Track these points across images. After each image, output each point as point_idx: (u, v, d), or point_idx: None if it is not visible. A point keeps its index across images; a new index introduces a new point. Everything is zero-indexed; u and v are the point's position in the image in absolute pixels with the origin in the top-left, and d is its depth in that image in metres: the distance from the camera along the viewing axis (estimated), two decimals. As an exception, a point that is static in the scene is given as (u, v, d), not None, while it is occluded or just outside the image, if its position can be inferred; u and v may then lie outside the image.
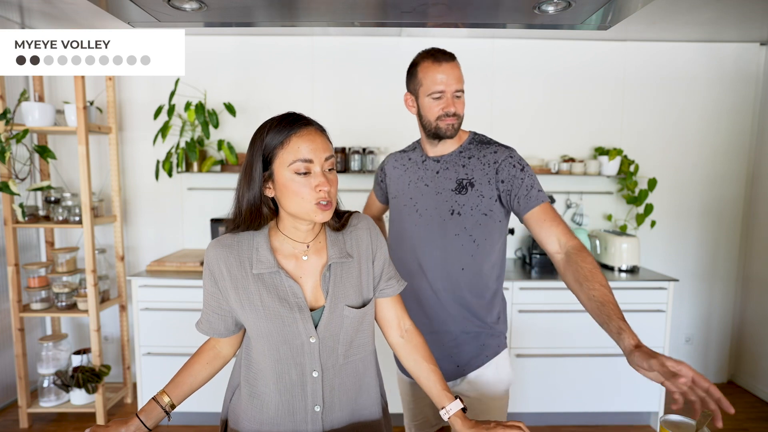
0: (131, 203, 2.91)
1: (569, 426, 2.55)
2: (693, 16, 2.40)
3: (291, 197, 0.90)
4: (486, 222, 1.28)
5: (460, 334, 1.33)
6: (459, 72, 1.28)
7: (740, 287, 3.00)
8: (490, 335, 1.34)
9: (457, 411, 0.98)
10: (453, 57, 1.29)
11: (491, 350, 1.34)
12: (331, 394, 0.98)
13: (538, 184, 1.25)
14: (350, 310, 0.98)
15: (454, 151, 1.33)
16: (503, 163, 1.26)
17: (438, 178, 1.32)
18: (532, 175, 1.26)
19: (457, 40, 2.81)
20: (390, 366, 1.78)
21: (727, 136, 2.90)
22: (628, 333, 0.93)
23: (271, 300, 0.94)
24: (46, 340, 2.50)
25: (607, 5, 1.36)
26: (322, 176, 0.90)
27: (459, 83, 1.27)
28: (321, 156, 0.90)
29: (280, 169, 0.89)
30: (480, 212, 1.27)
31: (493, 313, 1.34)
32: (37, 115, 2.33)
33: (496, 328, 1.35)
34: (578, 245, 1.15)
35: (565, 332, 2.41)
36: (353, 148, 2.78)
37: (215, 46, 2.79)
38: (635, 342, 0.91)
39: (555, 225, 1.20)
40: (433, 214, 1.31)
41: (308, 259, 0.98)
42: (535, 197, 1.23)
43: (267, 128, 0.91)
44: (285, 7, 1.41)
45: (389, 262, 1.08)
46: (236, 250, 0.96)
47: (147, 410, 0.98)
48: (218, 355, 1.08)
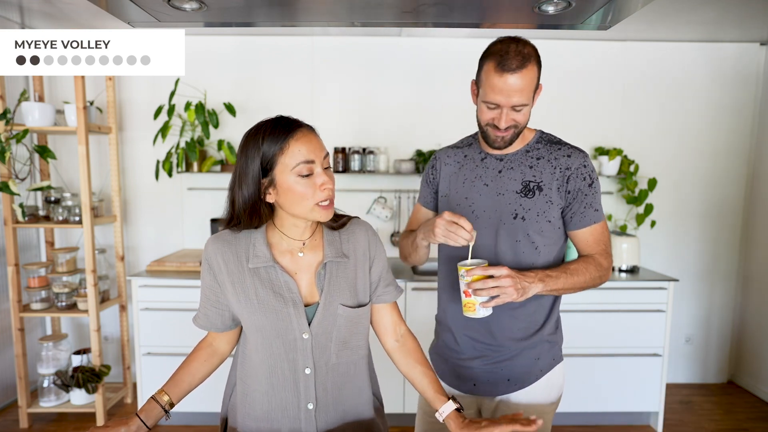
0: (131, 203, 2.91)
1: (569, 426, 2.55)
2: (693, 16, 2.40)
3: (296, 200, 0.91)
4: (549, 229, 1.18)
5: (514, 344, 1.21)
6: (525, 82, 1.09)
7: (740, 287, 3.00)
8: (547, 347, 1.24)
9: (450, 412, 0.98)
10: (523, 65, 1.08)
11: (546, 363, 1.23)
12: (324, 393, 0.99)
13: (597, 202, 1.18)
14: (345, 309, 0.98)
15: (520, 149, 1.21)
16: (576, 172, 1.15)
17: (500, 178, 1.21)
18: (597, 192, 1.18)
19: (457, 40, 2.81)
20: (389, 366, 1.78)
21: (727, 136, 2.90)
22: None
23: (266, 294, 0.95)
24: (46, 340, 2.50)
25: (607, 5, 1.36)
26: (325, 175, 0.92)
27: (521, 96, 1.10)
28: (320, 155, 0.92)
29: (283, 174, 0.90)
30: (545, 219, 1.17)
31: (551, 323, 1.25)
32: (37, 115, 2.33)
33: (552, 339, 1.25)
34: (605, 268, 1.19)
35: (565, 332, 2.39)
36: (353, 148, 2.78)
37: (215, 46, 2.79)
38: None
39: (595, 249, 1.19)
40: (492, 217, 1.20)
41: (304, 255, 1.00)
42: (590, 217, 1.17)
43: (261, 136, 0.90)
44: (285, 7, 1.41)
45: (387, 269, 1.09)
46: (234, 245, 0.98)
47: (147, 409, 0.99)
48: (215, 352, 1.08)
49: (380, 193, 2.88)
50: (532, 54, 1.12)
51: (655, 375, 2.43)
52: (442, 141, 2.82)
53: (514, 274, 1.05)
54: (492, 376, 1.22)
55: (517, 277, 1.06)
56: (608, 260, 1.19)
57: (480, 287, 1.03)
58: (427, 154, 2.75)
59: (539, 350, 1.23)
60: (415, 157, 2.81)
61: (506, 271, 1.04)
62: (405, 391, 2.44)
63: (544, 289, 1.11)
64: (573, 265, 1.15)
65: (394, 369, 1.13)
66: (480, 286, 1.03)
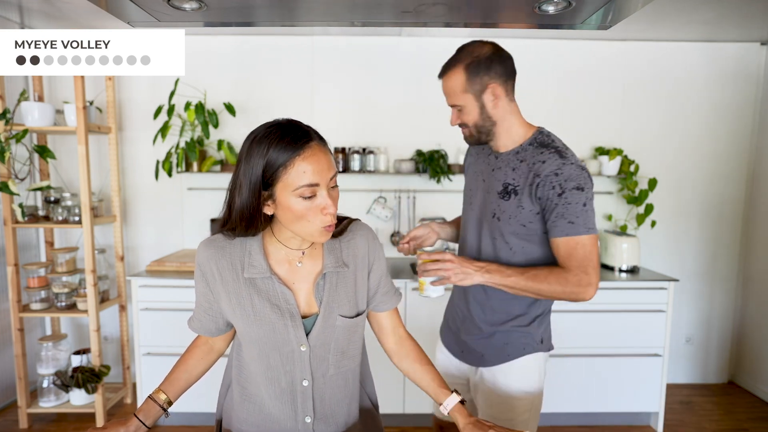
0: (131, 203, 2.90)
1: (569, 426, 2.54)
2: (693, 15, 2.40)
3: (294, 219, 0.86)
4: (524, 232, 1.20)
5: (487, 326, 1.29)
6: (449, 85, 1.21)
7: (740, 287, 3.00)
8: (517, 336, 1.28)
9: (455, 405, 0.97)
10: (446, 70, 1.22)
11: (515, 350, 1.27)
12: (322, 404, 0.97)
13: (573, 214, 1.12)
14: (343, 320, 0.96)
15: (512, 150, 1.23)
16: (545, 180, 1.14)
17: (492, 177, 1.26)
18: (571, 203, 1.12)
19: (457, 40, 2.80)
20: (390, 366, 1.78)
21: (727, 136, 2.90)
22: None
23: (263, 305, 0.92)
24: (46, 340, 2.50)
25: (607, 5, 1.36)
26: (328, 198, 0.86)
27: (452, 98, 1.22)
28: (326, 177, 0.86)
29: (284, 192, 0.84)
30: (518, 222, 1.19)
31: (526, 317, 1.28)
32: (36, 115, 2.33)
33: (525, 331, 1.28)
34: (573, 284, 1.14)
35: (565, 332, 2.41)
36: (353, 148, 2.78)
37: (215, 46, 2.79)
38: None
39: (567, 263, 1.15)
40: (477, 212, 1.29)
41: (302, 265, 0.96)
42: (561, 228, 1.14)
43: (267, 146, 0.83)
44: (285, 7, 1.41)
45: (386, 274, 1.06)
46: (228, 252, 0.94)
47: (145, 409, 0.98)
48: (212, 349, 1.07)
49: (380, 193, 2.88)
50: (462, 58, 1.19)
51: (656, 375, 2.43)
52: (442, 141, 2.84)
53: (457, 261, 1.18)
54: (472, 348, 1.34)
55: (461, 263, 1.18)
56: (581, 278, 1.13)
57: (425, 269, 1.19)
58: (427, 154, 2.75)
59: (509, 337, 1.28)
60: (415, 157, 2.81)
61: (449, 257, 1.18)
62: (405, 391, 2.44)
63: (490, 281, 1.19)
64: (535, 271, 1.17)
65: (394, 369, 1.13)
66: (425, 268, 1.18)
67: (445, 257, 1.18)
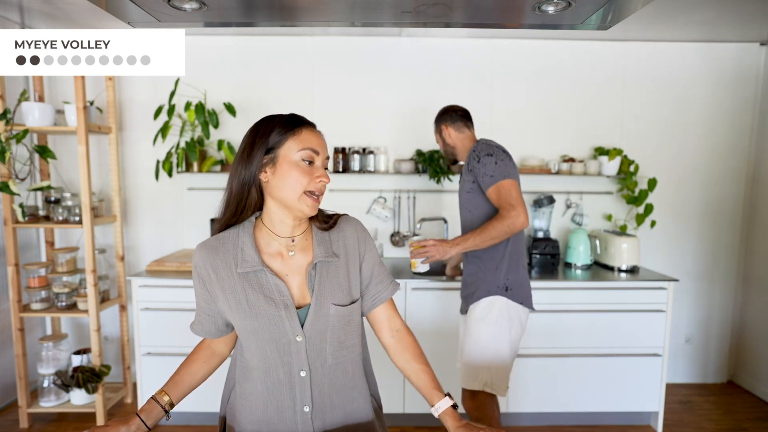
0: (131, 203, 2.91)
1: (569, 426, 2.55)
2: (693, 16, 2.40)
3: (289, 183, 0.93)
4: (471, 198, 1.82)
5: (468, 278, 1.89)
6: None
7: (740, 287, 3.00)
8: (481, 285, 1.80)
9: (446, 408, 0.98)
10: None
11: (481, 293, 1.80)
12: (321, 395, 0.99)
13: (488, 171, 1.70)
14: (336, 308, 0.98)
15: (466, 159, 1.89)
16: (469, 157, 1.81)
17: (461, 178, 1.93)
18: (486, 164, 1.72)
19: (457, 40, 2.81)
20: (390, 366, 1.78)
21: (727, 136, 2.90)
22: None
23: (257, 298, 0.95)
24: (46, 340, 2.50)
25: (607, 5, 1.36)
26: (323, 170, 0.97)
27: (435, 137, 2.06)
28: (323, 152, 0.97)
29: (288, 152, 0.93)
30: (465, 191, 1.85)
31: (489, 273, 1.79)
32: (37, 115, 2.33)
33: (487, 279, 1.79)
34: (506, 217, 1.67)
35: (565, 332, 2.42)
36: (353, 148, 2.78)
37: (215, 46, 2.79)
38: None
39: (499, 204, 1.70)
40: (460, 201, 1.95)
41: (294, 256, 0.99)
42: (486, 182, 1.72)
43: (277, 119, 0.95)
44: (285, 7, 1.41)
45: (380, 263, 1.08)
46: (222, 252, 0.97)
47: (147, 409, 0.99)
48: (214, 353, 1.09)
49: (380, 193, 2.88)
50: (435, 118, 1.98)
51: (655, 375, 2.43)
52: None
53: (438, 243, 1.78)
54: (463, 299, 1.94)
55: (440, 244, 1.78)
56: (509, 211, 1.66)
57: (416, 253, 1.83)
58: (427, 154, 2.75)
59: (477, 285, 1.83)
60: (415, 157, 2.81)
61: (432, 242, 1.79)
62: (405, 391, 2.44)
63: (463, 248, 1.73)
64: (483, 226, 1.70)
65: (393, 369, 1.13)
66: (416, 252, 1.83)
67: (428, 242, 1.80)
